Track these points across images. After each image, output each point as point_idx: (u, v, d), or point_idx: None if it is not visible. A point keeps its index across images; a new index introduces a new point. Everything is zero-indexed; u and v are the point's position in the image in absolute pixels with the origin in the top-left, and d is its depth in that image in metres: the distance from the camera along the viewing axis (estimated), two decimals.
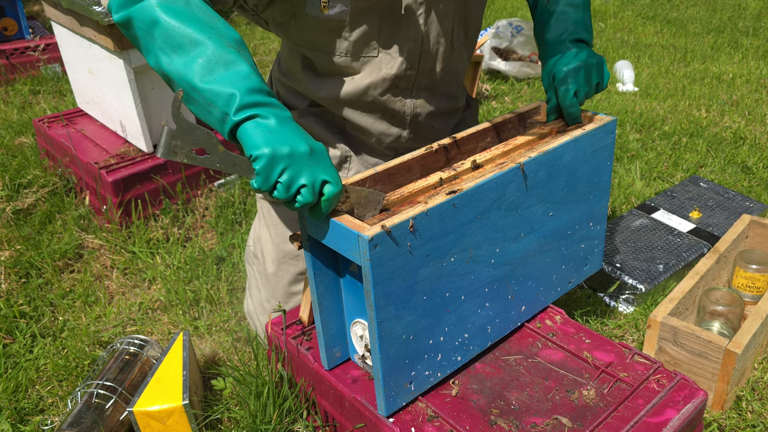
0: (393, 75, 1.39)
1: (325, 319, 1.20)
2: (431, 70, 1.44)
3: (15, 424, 1.61)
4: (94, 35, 2.30)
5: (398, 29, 1.35)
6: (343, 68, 1.38)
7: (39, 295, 2.08)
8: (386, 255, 1.00)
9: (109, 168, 2.34)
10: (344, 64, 1.37)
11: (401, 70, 1.39)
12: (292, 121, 1.00)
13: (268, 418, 1.37)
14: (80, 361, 1.79)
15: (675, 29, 4.97)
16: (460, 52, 1.49)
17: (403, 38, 1.36)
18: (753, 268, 1.84)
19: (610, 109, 3.44)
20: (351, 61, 1.37)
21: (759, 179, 2.69)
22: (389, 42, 1.36)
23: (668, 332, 1.59)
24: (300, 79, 1.46)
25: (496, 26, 4.02)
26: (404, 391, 1.14)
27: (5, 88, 3.77)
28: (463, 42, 1.49)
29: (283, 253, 1.65)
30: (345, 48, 1.35)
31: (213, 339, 1.89)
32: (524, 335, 1.34)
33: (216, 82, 0.98)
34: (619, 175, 2.73)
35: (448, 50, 1.44)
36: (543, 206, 1.28)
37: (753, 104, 3.48)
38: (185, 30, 0.99)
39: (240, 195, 2.54)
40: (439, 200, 1.06)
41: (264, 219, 1.69)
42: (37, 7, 5.34)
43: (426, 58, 1.41)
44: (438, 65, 1.44)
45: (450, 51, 1.45)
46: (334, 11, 1.29)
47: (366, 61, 1.37)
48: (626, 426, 1.11)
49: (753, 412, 1.58)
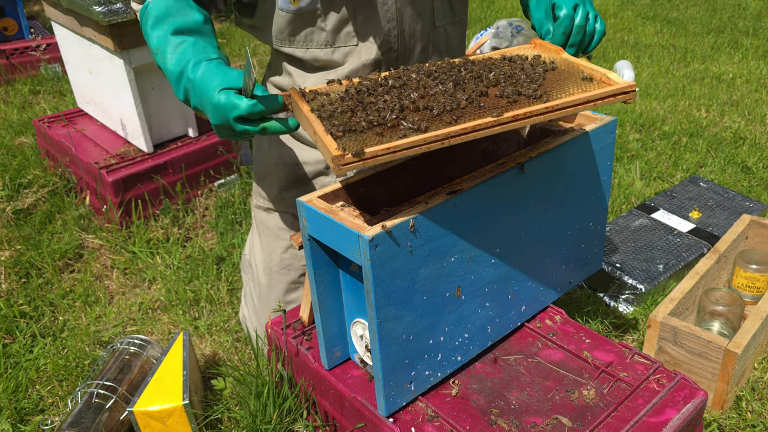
0: (372, 59, 1.39)
1: (325, 319, 1.20)
2: (411, 50, 1.43)
3: (15, 424, 1.61)
4: (94, 35, 2.30)
5: (374, 11, 1.34)
6: (325, 62, 1.39)
7: (39, 295, 2.08)
8: (386, 255, 1.00)
9: (109, 168, 2.34)
10: (325, 57, 1.38)
11: (380, 53, 1.39)
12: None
13: (268, 418, 1.37)
14: (80, 361, 1.79)
15: (675, 29, 4.97)
16: (445, 31, 1.48)
17: (378, 21, 1.35)
18: (753, 268, 1.84)
19: (610, 109, 3.44)
20: (332, 53, 1.37)
21: (759, 179, 2.69)
22: (366, 26, 1.35)
23: (668, 332, 1.59)
24: (289, 73, 1.47)
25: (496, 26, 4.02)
26: (404, 391, 1.14)
27: (5, 88, 3.77)
28: (450, 20, 1.48)
29: (274, 263, 1.64)
30: (324, 39, 1.36)
31: (213, 339, 1.89)
32: (524, 335, 1.34)
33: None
34: (619, 175, 2.73)
35: (428, 29, 1.43)
36: (543, 206, 1.28)
37: (753, 104, 3.48)
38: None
39: (240, 195, 2.54)
40: (440, 200, 1.06)
41: (257, 229, 1.69)
42: (37, 7, 5.35)
43: (404, 39, 1.40)
44: (418, 45, 1.43)
45: (431, 29, 1.44)
46: (305, 2, 1.30)
47: (347, 52, 1.37)
48: (626, 426, 1.11)
49: (753, 412, 1.58)
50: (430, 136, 0.95)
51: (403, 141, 0.94)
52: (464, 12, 1.52)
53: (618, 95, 1.07)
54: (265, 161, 1.60)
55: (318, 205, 1.08)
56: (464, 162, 1.35)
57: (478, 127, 0.98)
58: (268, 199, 1.62)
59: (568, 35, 1.28)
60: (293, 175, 1.56)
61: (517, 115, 1.00)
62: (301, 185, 1.56)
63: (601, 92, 1.06)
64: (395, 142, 0.94)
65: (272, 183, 1.60)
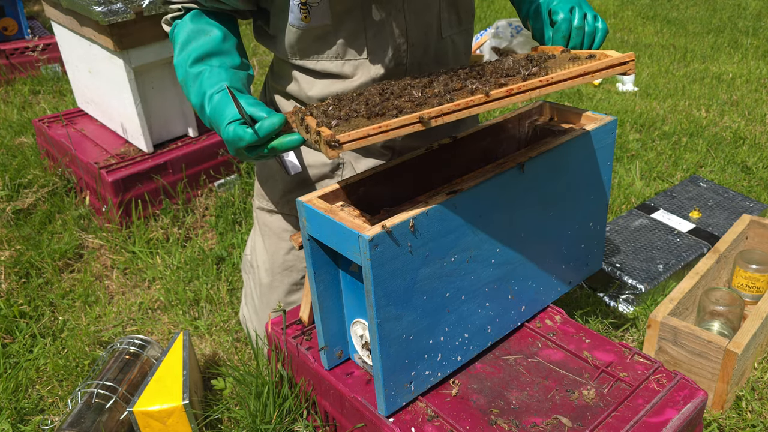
0: (382, 74, 1.39)
1: (325, 319, 1.20)
2: (419, 63, 1.43)
3: (15, 424, 1.61)
4: (94, 35, 2.30)
5: (383, 26, 1.35)
6: (336, 74, 1.40)
7: (39, 295, 2.08)
8: (386, 255, 1.00)
9: (109, 168, 2.34)
10: (336, 69, 1.38)
11: (390, 67, 1.39)
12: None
13: (268, 418, 1.37)
14: (80, 361, 1.79)
15: (675, 29, 4.97)
16: (452, 42, 1.48)
17: (388, 35, 1.36)
18: (753, 268, 1.84)
19: (610, 109, 3.44)
20: (342, 66, 1.38)
21: (759, 179, 2.69)
22: (375, 40, 1.36)
23: (668, 332, 1.59)
24: (296, 79, 1.46)
25: (496, 26, 4.02)
26: (404, 390, 1.14)
27: (5, 88, 3.77)
28: (457, 30, 1.48)
29: (276, 264, 1.64)
30: (334, 52, 1.36)
31: (213, 339, 1.89)
32: (524, 335, 1.34)
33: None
34: (619, 175, 2.73)
35: (435, 40, 1.43)
36: (543, 206, 1.28)
37: (753, 104, 3.48)
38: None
39: (240, 195, 2.54)
40: (440, 200, 1.06)
41: (259, 229, 1.69)
42: (37, 7, 5.34)
43: (413, 52, 1.41)
44: (426, 57, 1.43)
45: (437, 41, 1.44)
46: (316, 20, 1.31)
47: (357, 65, 1.38)
48: (626, 426, 1.11)
49: (753, 412, 1.58)
50: (423, 113, 0.94)
51: (394, 120, 0.93)
52: (471, 22, 1.52)
53: (616, 66, 1.06)
54: (268, 164, 1.61)
55: (318, 205, 1.08)
56: (464, 162, 1.35)
57: (471, 103, 0.97)
58: (272, 201, 1.62)
59: (567, 38, 1.28)
60: (297, 177, 1.56)
61: (511, 90, 0.99)
62: (304, 188, 1.56)
63: (598, 64, 1.05)
64: (387, 121, 0.93)
65: (276, 185, 1.60)
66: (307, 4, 1.29)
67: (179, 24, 1.35)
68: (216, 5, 1.33)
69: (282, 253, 1.63)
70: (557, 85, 1.02)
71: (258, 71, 3.99)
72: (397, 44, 1.37)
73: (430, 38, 1.42)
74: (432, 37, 1.42)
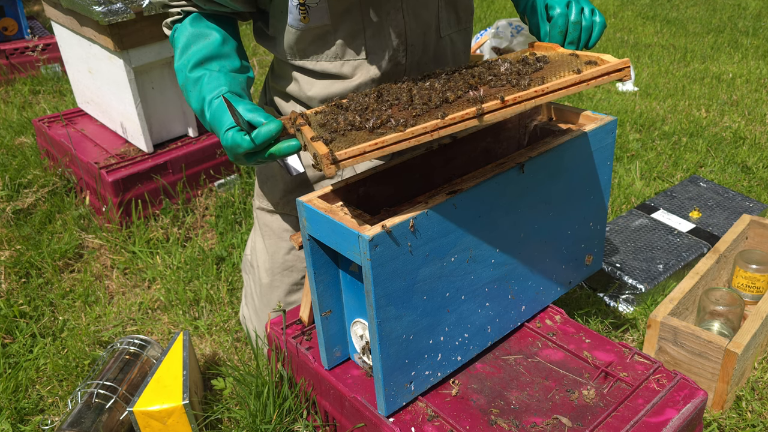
0: (381, 74, 1.39)
1: (325, 319, 1.20)
2: (418, 63, 1.43)
3: (15, 424, 1.61)
4: (94, 35, 2.30)
5: (382, 26, 1.35)
6: (335, 74, 1.40)
7: (39, 295, 2.08)
8: (386, 255, 1.00)
9: (109, 168, 2.34)
10: (335, 70, 1.38)
11: (389, 67, 1.39)
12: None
13: (268, 418, 1.37)
14: (80, 361, 1.79)
15: (675, 29, 4.97)
16: (451, 41, 1.48)
17: (386, 35, 1.36)
18: (753, 268, 1.84)
19: (610, 109, 3.44)
20: (341, 66, 1.38)
21: (759, 179, 2.69)
22: (374, 41, 1.36)
23: (668, 332, 1.59)
24: (296, 80, 1.46)
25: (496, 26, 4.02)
26: (404, 390, 1.14)
27: (5, 88, 3.77)
28: (456, 29, 1.47)
29: (276, 264, 1.64)
30: (333, 52, 1.36)
31: (213, 339, 1.89)
32: (524, 335, 1.34)
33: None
34: (619, 175, 2.73)
35: (433, 40, 1.43)
36: (543, 206, 1.28)
37: (753, 104, 3.48)
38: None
39: (240, 195, 2.54)
40: (440, 200, 1.06)
41: (259, 229, 1.69)
42: (37, 7, 5.34)
43: (412, 52, 1.41)
44: (424, 57, 1.43)
45: (436, 40, 1.44)
46: (315, 20, 1.31)
47: (356, 65, 1.38)
48: (626, 426, 1.11)
49: (753, 412, 1.58)
50: (418, 129, 0.95)
51: (390, 136, 0.94)
52: (470, 21, 1.52)
53: (612, 73, 1.06)
54: (269, 164, 1.61)
55: (318, 205, 1.08)
56: (464, 162, 1.35)
57: (467, 116, 0.97)
58: (272, 202, 1.63)
59: (564, 33, 1.28)
60: (297, 178, 1.56)
61: (507, 101, 0.99)
62: (304, 188, 1.57)
63: (594, 71, 1.05)
64: (383, 137, 0.94)
65: (276, 185, 1.60)
66: (306, 5, 1.29)
67: (179, 28, 1.35)
68: (214, 8, 1.33)
69: (282, 253, 1.64)
70: (552, 95, 1.03)
71: (258, 71, 3.99)
72: (395, 44, 1.37)
73: (429, 38, 1.42)
74: (431, 37, 1.42)
